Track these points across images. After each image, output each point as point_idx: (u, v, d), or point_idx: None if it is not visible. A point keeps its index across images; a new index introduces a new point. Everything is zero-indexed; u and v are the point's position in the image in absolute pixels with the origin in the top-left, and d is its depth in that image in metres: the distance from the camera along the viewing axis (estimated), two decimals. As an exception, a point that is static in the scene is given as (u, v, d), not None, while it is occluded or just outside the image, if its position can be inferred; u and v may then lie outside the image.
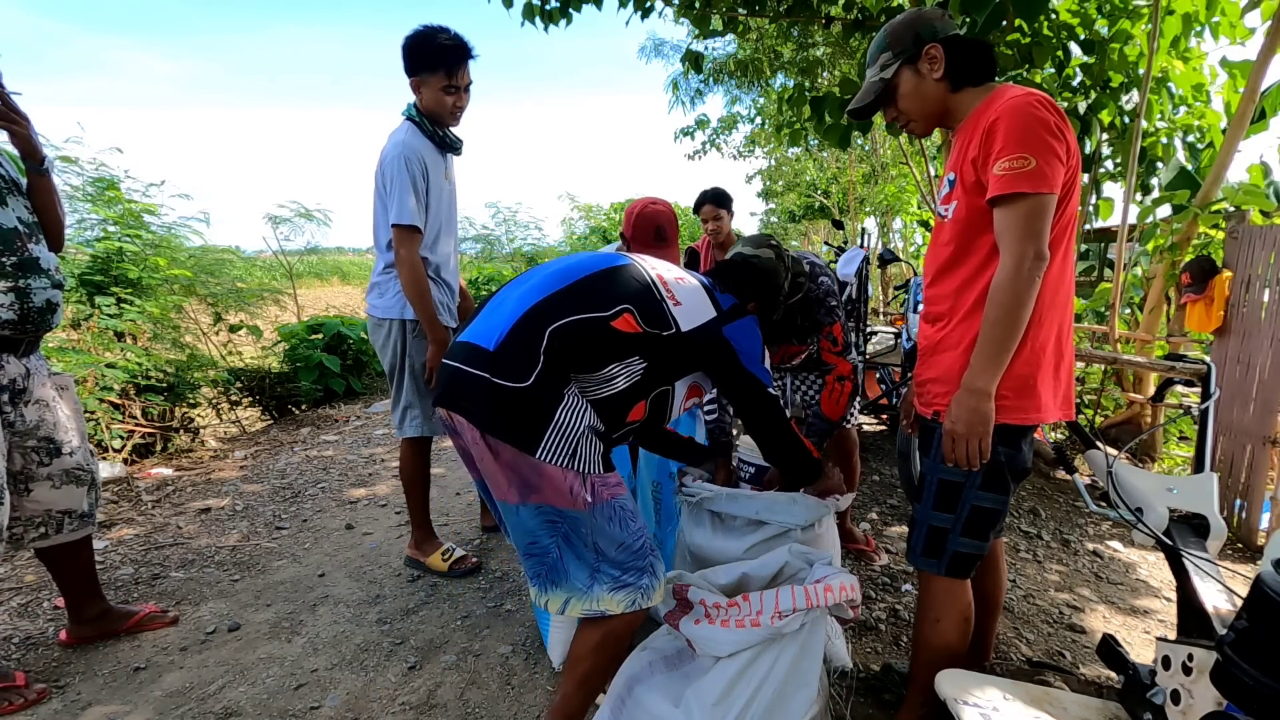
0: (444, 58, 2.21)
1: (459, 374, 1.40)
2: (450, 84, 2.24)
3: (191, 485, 3.67)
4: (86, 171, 4.50)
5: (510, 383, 1.34)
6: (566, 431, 1.35)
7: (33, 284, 1.79)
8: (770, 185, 16.76)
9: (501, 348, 1.36)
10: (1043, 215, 1.31)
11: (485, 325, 1.43)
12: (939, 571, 1.52)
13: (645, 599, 1.41)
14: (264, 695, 1.90)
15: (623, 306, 1.43)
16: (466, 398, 1.38)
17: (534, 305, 1.41)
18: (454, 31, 2.22)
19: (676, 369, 1.54)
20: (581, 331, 1.39)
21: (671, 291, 1.51)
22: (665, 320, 1.47)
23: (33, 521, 1.93)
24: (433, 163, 2.31)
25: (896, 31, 1.51)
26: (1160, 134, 4.53)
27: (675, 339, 1.48)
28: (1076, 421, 1.80)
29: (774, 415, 1.62)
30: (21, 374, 1.83)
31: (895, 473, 3.75)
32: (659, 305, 1.48)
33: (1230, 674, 1.07)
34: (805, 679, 1.43)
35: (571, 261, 1.53)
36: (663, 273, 1.55)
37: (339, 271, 19.05)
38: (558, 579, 1.40)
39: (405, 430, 2.46)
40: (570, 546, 1.38)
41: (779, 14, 4.51)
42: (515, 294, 1.46)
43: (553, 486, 1.35)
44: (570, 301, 1.41)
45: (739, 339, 1.55)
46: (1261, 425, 3.17)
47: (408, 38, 2.22)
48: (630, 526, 1.42)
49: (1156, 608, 2.53)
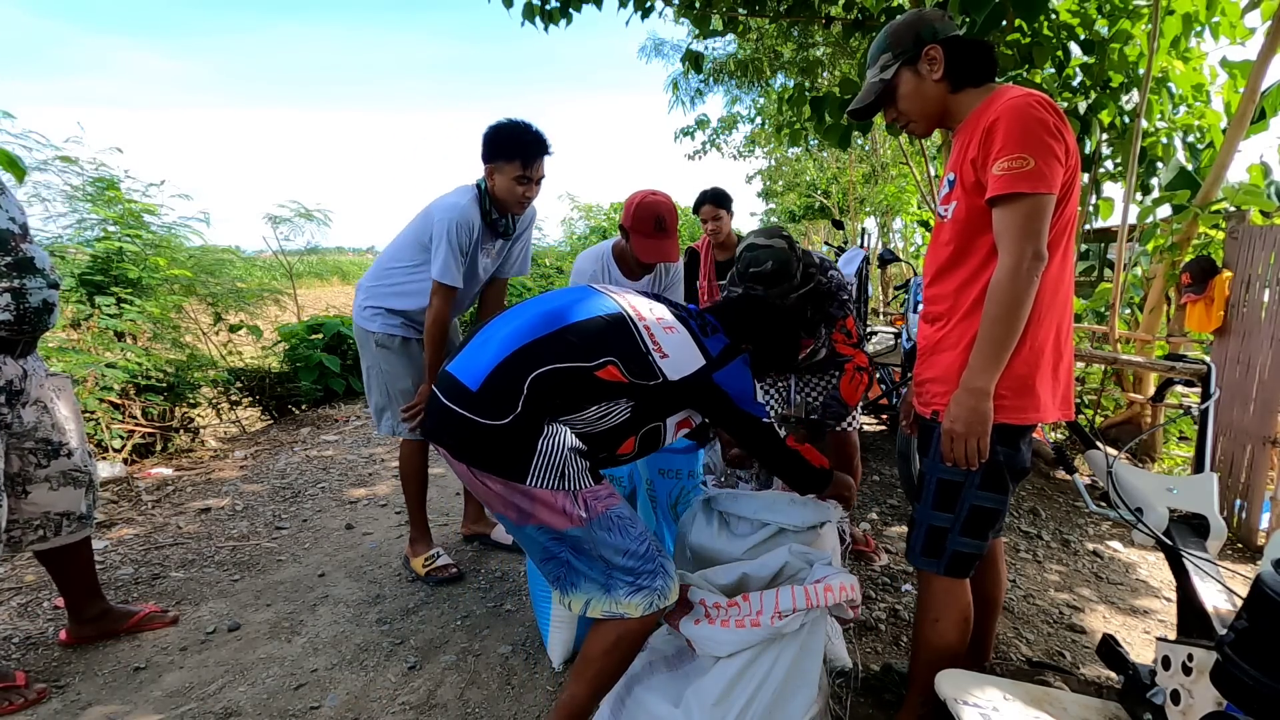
0: (524, 150, 2.30)
1: (444, 411, 1.42)
2: (525, 175, 2.32)
3: (191, 485, 3.67)
4: (86, 171, 4.50)
5: (490, 420, 1.37)
6: (551, 457, 1.37)
7: (29, 284, 1.78)
8: (770, 185, 16.75)
9: (483, 389, 1.38)
10: (1041, 215, 1.31)
11: (470, 362, 1.44)
12: (939, 571, 1.52)
13: (662, 599, 1.42)
14: (264, 695, 1.90)
15: (607, 358, 1.42)
16: (449, 434, 1.42)
17: (517, 350, 1.41)
18: (536, 128, 2.32)
19: (665, 409, 1.55)
20: (564, 380, 1.40)
21: (658, 343, 1.49)
22: (651, 372, 1.46)
23: (31, 524, 1.93)
24: (480, 237, 2.42)
25: (897, 32, 1.51)
26: (1160, 134, 4.53)
27: (661, 388, 1.48)
28: (1076, 421, 1.80)
29: (771, 442, 1.64)
30: (19, 375, 1.82)
31: (895, 473, 3.75)
32: (645, 359, 1.46)
33: (1230, 674, 1.06)
34: (805, 679, 1.43)
35: (559, 304, 1.52)
36: (650, 323, 1.51)
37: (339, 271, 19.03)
38: (576, 581, 1.42)
39: (382, 429, 2.58)
40: (579, 558, 1.40)
41: (779, 14, 4.51)
42: (501, 334, 1.46)
43: (547, 509, 1.38)
44: (554, 349, 1.41)
45: (730, 384, 1.53)
46: (1261, 425, 3.17)
47: (492, 127, 2.32)
48: (631, 532, 1.42)
49: (1156, 608, 2.53)
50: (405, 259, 2.44)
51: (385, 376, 2.52)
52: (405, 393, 2.51)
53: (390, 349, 2.50)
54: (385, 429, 2.57)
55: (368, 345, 2.52)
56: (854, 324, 2.36)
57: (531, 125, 2.31)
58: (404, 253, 2.45)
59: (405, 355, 2.51)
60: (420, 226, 2.41)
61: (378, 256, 2.61)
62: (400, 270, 2.45)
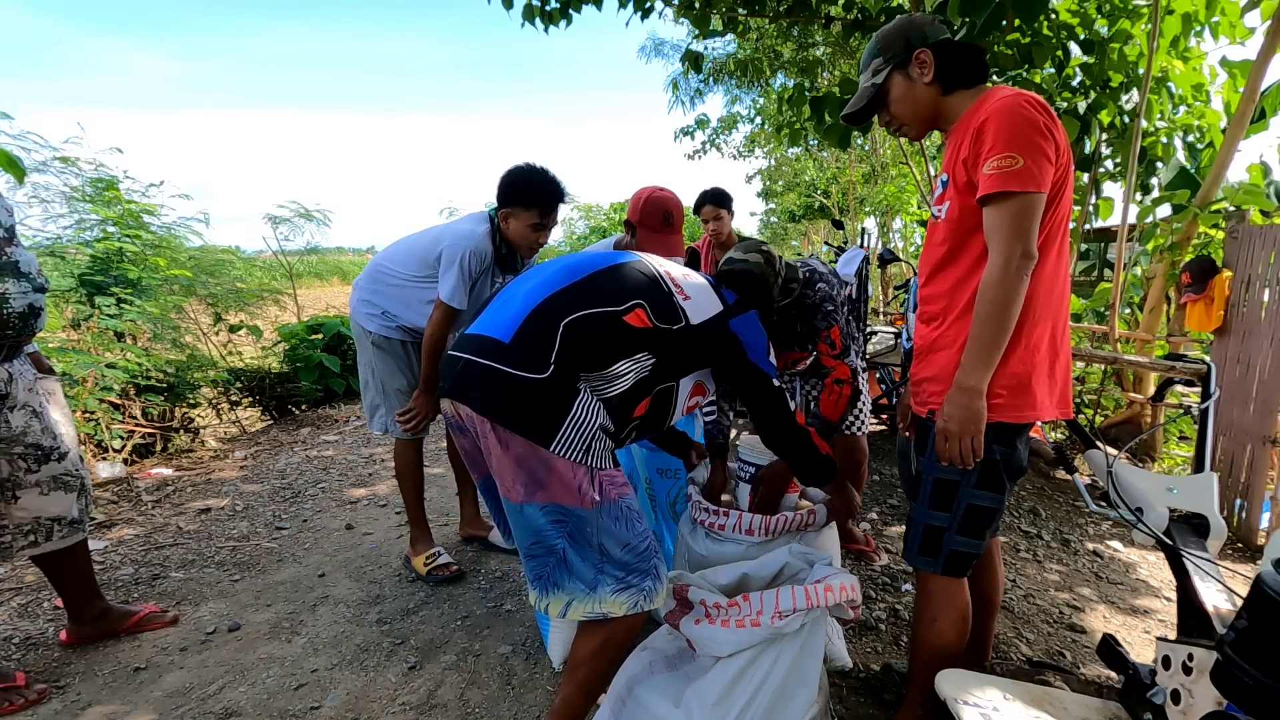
0: (543, 200, 2.33)
1: (470, 365, 1.38)
2: (540, 222, 2.36)
3: (191, 485, 3.67)
4: (85, 172, 4.50)
5: (528, 373, 1.34)
6: (581, 428, 1.35)
7: (11, 289, 1.77)
8: (770, 185, 16.76)
9: (516, 340, 1.36)
10: (1031, 214, 1.32)
11: (496, 318, 1.43)
12: (936, 570, 1.52)
13: (648, 601, 1.40)
14: (264, 695, 1.90)
15: (634, 301, 1.44)
16: (478, 389, 1.36)
17: (546, 299, 1.41)
18: (552, 175, 2.35)
19: (684, 365, 1.55)
20: (595, 326, 1.39)
21: (680, 287, 1.53)
22: (675, 314, 1.48)
23: (21, 529, 1.91)
24: (490, 270, 2.45)
25: (887, 38, 1.53)
26: (1160, 134, 4.53)
27: (684, 333, 1.49)
28: (1076, 421, 1.80)
29: (780, 409, 1.63)
30: (4, 380, 1.80)
31: (895, 473, 3.74)
32: (669, 299, 1.49)
33: (1230, 674, 1.07)
34: (805, 679, 1.43)
35: (579, 258, 1.54)
36: (670, 269, 1.57)
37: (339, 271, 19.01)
38: (560, 580, 1.38)
39: (374, 427, 2.60)
40: (575, 546, 1.37)
41: (779, 14, 4.51)
42: (524, 289, 1.47)
43: (561, 483, 1.35)
44: (582, 296, 1.42)
45: (745, 332, 1.56)
46: (1261, 425, 3.17)
47: (511, 172, 2.34)
48: (636, 527, 1.41)
49: (1156, 607, 2.53)
50: (408, 270, 2.46)
51: (380, 375, 2.54)
52: (400, 392, 2.53)
53: (385, 350, 2.52)
54: (378, 427, 2.59)
55: (364, 343, 2.55)
56: (839, 334, 2.31)
57: (548, 173, 2.34)
58: (407, 264, 2.46)
59: (401, 356, 2.55)
60: (428, 246, 2.43)
61: (374, 256, 2.63)
62: (399, 277, 2.47)
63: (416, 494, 2.62)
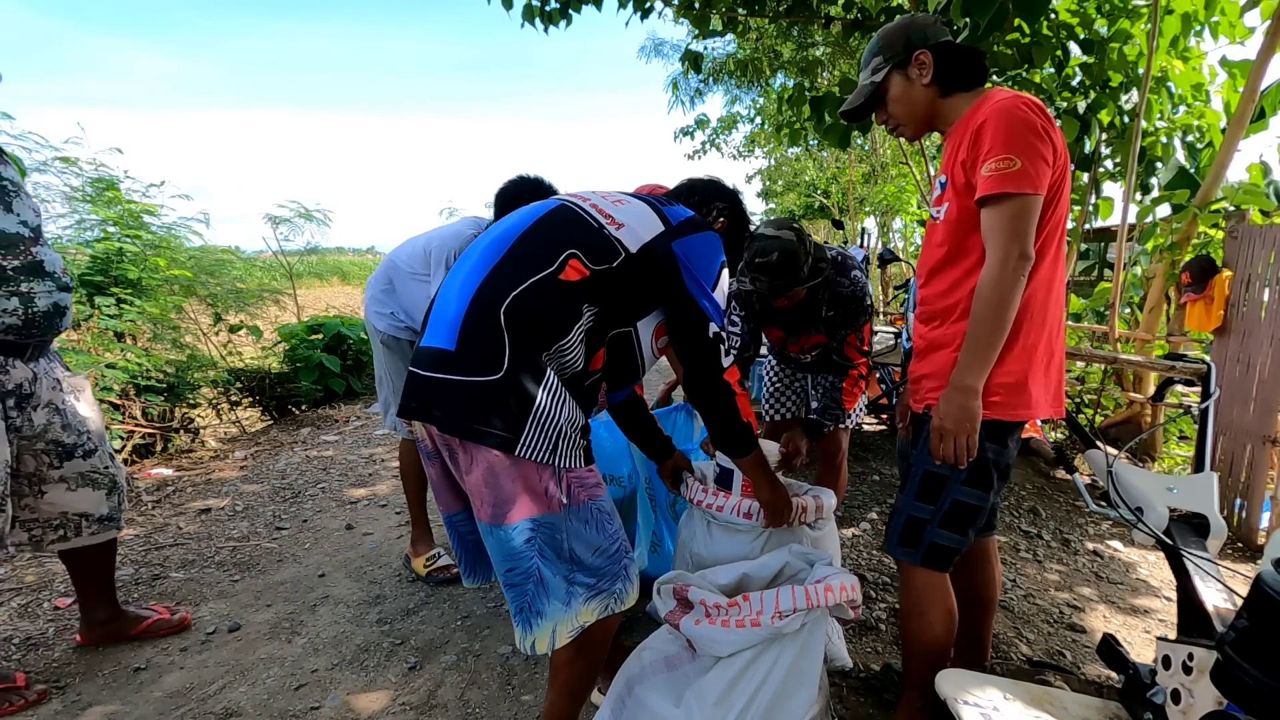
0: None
1: (427, 382, 1.30)
2: None
3: (191, 485, 3.67)
4: (86, 172, 4.50)
5: (481, 377, 1.25)
6: (546, 423, 1.28)
7: (36, 288, 1.78)
8: (770, 185, 16.74)
9: (461, 344, 1.28)
10: (1028, 216, 1.32)
11: (439, 324, 1.34)
12: (915, 561, 1.52)
13: (618, 604, 1.38)
14: (264, 695, 1.90)
15: (567, 253, 1.32)
16: (438, 405, 1.29)
17: (479, 288, 1.31)
18: (548, 184, 2.34)
19: (630, 306, 1.43)
20: (535, 299, 1.29)
21: (609, 214, 1.40)
22: (611, 249, 1.36)
23: (50, 523, 1.92)
24: None
25: (888, 36, 1.54)
26: (1160, 134, 4.53)
27: (625, 265, 1.37)
28: (1076, 421, 1.80)
29: (710, 358, 1.46)
30: (28, 379, 1.81)
31: (895, 473, 3.75)
32: (599, 235, 1.36)
33: (1230, 673, 1.07)
34: (806, 679, 1.43)
35: (503, 227, 1.42)
36: (594, 200, 1.44)
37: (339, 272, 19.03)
38: (541, 606, 1.31)
39: (386, 424, 2.67)
40: (546, 562, 1.31)
41: (779, 14, 4.51)
42: (458, 283, 1.36)
43: (528, 491, 1.28)
44: (512, 270, 1.31)
45: (689, 254, 1.41)
46: (1261, 425, 3.17)
47: (507, 184, 2.34)
48: (607, 530, 1.38)
49: (1156, 607, 2.53)
50: (412, 267, 2.47)
51: (390, 374, 2.57)
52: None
53: (393, 349, 2.54)
54: (388, 424, 2.65)
55: (375, 342, 2.58)
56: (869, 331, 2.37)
57: (543, 182, 2.32)
58: (411, 261, 2.48)
59: (408, 355, 2.53)
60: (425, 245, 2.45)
61: (385, 255, 2.65)
62: (404, 275, 2.48)
63: (419, 494, 2.62)
